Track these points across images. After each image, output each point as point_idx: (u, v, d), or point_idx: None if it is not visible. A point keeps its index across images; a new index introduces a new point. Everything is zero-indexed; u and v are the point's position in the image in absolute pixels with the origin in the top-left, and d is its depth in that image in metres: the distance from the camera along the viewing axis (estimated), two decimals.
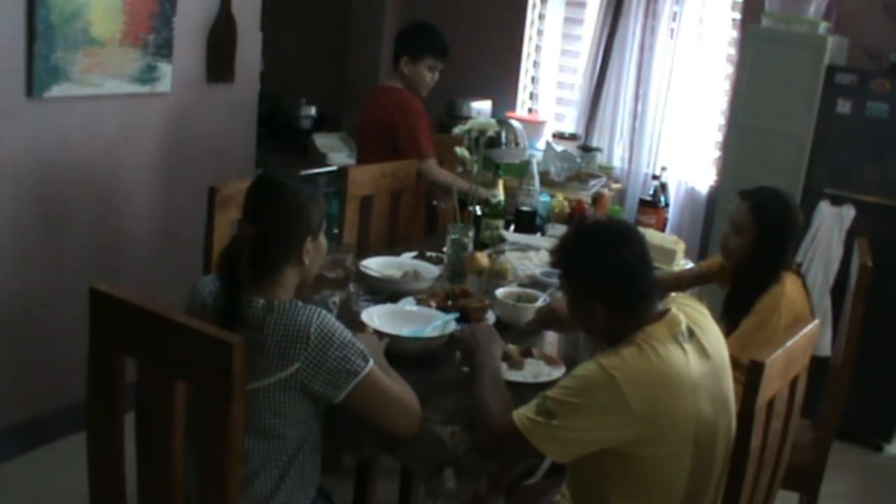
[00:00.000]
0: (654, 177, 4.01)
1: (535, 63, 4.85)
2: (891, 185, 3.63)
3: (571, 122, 4.69)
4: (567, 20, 4.75)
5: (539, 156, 4.18)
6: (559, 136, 4.44)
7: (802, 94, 3.70)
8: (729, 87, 4.24)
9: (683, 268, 3.19)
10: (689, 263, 3.28)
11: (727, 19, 4.23)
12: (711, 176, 4.35)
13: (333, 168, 4.43)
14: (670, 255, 3.18)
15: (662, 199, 3.81)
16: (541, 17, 4.80)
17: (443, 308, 2.36)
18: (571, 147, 4.31)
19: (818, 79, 3.68)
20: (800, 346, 1.90)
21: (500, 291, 2.51)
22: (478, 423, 1.85)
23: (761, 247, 2.49)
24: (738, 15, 4.19)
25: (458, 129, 2.89)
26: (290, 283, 1.85)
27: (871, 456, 3.82)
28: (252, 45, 3.65)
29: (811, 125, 3.71)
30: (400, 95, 3.56)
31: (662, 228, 3.80)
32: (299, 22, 5.12)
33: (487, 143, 2.88)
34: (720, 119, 4.32)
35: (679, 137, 4.39)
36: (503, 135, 3.89)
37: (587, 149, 4.39)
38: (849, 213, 3.68)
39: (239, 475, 1.59)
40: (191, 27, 3.32)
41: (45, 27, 2.79)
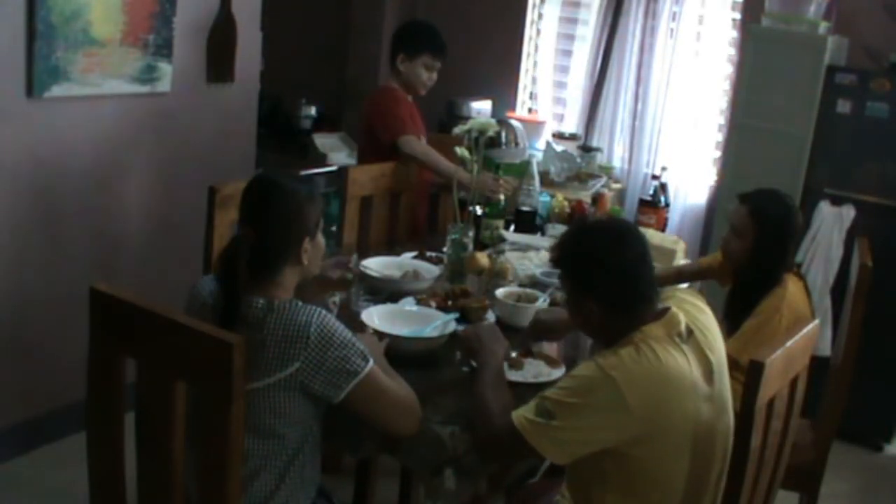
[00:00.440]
0: (654, 177, 4.02)
1: (535, 63, 4.85)
2: (891, 185, 3.63)
3: (571, 122, 4.69)
4: (567, 20, 4.74)
5: (539, 156, 4.18)
6: (559, 136, 4.44)
7: (802, 94, 3.70)
8: (729, 87, 4.24)
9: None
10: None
11: (727, 19, 4.23)
12: (711, 176, 4.35)
13: (333, 168, 4.43)
14: (670, 255, 3.18)
15: (662, 198, 3.81)
16: (540, 16, 4.80)
17: (443, 308, 2.36)
18: (571, 147, 4.32)
19: (818, 79, 3.68)
20: (800, 346, 1.90)
21: (500, 291, 2.51)
22: (477, 422, 1.85)
23: (762, 249, 2.49)
24: (738, 15, 4.19)
25: (458, 129, 2.89)
26: (290, 282, 1.85)
27: (871, 456, 3.82)
28: (252, 45, 3.65)
29: (811, 125, 3.71)
30: (382, 88, 3.50)
31: (662, 228, 3.80)
32: (299, 22, 5.12)
33: (487, 143, 2.89)
34: (720, 119, 4.32)
35: (679, 137, 4.39)
36: (503, 135, 3.88)
37: (587, 149, 4.39)
38: (849, 213, 3.68)
39: (239, 475, 1.59)
40: (191, 27, 3.32)
41: (46, 27, 2.79)
